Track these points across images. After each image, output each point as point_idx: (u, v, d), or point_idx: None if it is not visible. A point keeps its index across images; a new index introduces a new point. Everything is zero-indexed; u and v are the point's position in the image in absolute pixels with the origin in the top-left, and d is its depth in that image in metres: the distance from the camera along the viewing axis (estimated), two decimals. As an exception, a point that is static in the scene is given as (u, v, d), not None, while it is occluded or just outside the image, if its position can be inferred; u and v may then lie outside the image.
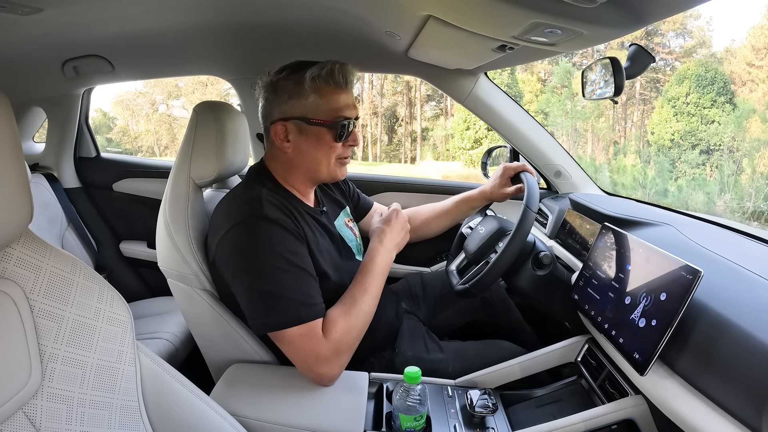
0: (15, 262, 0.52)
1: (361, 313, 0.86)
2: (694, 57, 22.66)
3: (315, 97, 0.86)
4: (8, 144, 0.48)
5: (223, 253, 0.83)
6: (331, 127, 0.87)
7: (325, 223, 0.96)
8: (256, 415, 0.77)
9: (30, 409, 0.50)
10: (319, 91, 0.86)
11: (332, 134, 0.88)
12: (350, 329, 0.83)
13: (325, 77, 0.86)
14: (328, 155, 0.90)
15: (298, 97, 0.87)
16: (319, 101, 0.86)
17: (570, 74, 20.44)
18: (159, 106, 28.22)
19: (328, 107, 0.87)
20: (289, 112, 0.88)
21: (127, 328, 0.60)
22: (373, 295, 0.89)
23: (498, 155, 1.56)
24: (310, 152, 0.89)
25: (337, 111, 0.87)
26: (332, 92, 0.87)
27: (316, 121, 0.87)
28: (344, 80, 0.87)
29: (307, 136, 0.88)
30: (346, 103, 0.89)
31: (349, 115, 0.89)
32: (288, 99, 0.87)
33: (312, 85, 0.86)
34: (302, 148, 0.89)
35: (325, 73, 0.85)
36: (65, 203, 1.68)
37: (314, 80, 0.85)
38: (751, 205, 14.10)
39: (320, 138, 0.88)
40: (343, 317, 0.83)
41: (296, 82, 0.87)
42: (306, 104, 0.87)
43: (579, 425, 0.76)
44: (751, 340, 0.55)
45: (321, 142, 0.88)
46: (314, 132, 0.88)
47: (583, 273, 0.89)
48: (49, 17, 0.98)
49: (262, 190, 0.86)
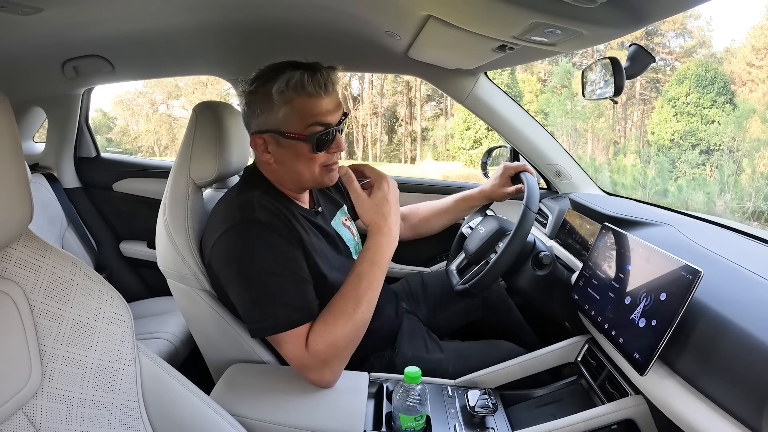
0: (15, 262, 0.52)
1: (355, 324, 0.79)
2: (694, 57, 22.65)
3: (286, 110, 0.81)
4: (8, 144, 0.48)
5: (217, 256, 0.83)
6: (306, 141, 0.82)
7: (321, 224, 0.95)
8: (256, 415, 0.77)
9: (30, 409, 0.50)
10: (290, 102, 0.81)
11: (309, 146, 0.83)
12: (339, 340, 0.78)
13: (295, 88, 0.80)
14: (309, 166, 0.85)
15: (269, 111, 0.82)
16: (290, 113, 0.81)
17: (570, 74, 20.43)
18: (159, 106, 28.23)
19: (301, 119, 0.81)
20: (264, 125, 0.84)
21: (127, 328, 0.60)
22: (371, 301, 0.82)
23: (498, 155, 1.56)
24: (292, 164, 0.86)
25: (311, 119, 0.81)
26: (305, 101, 0.81)
27: (290, 134, 0.82)
28: (319, 86, 0.80)
29: (285, 149, 0.84)
30: (324, 109, 0.82)
31: (329, 122, 0.83)
32: (260, 113, 0.84)
33: (280, 98, 0.81)
34: (283, 159, 0.86)
35: (294, 84, 0.80)
36: (65, 203, 1.69)
37: (282, 93, 0.80)
38: (751, 205, 14.10)
39: (297, 151, 0.84)
40: (331, 329, 0.78)
41: (265, 96, 0.82)
42: (278, 118, 0.82)
43: (579, 425, 0.76)
44: (751, 340, 0.55)
45: (299, 155, 0.84)
46: (291, 145, 0.83)
47: (583, 273, 0.89)
48: (49, 17, 0.98)
49: (254, 193, 0.85)
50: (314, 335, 0.78)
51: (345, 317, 0.79)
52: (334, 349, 0.79)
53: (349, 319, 0.79)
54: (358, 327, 0.81)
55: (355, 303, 0.80)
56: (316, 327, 0.79)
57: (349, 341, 0.80)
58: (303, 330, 0.79)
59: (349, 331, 0.79)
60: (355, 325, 0.80)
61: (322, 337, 0.78)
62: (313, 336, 0.78)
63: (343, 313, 0.79)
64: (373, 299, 0.82)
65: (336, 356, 0.80)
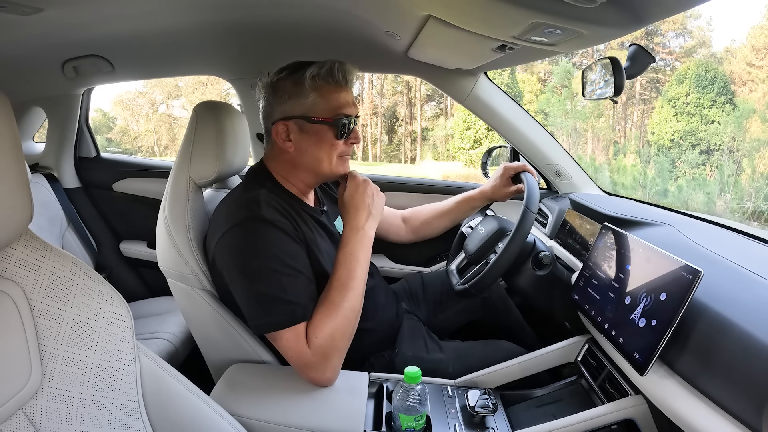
0: (15, 262, 0.52)
1: (344, 312, 0.81)
2: (694, 57, 22.65)
3: (315, 96, 0.87)
4: (8, 144, 0.48)
5: (221, 254, 0.83)
6: (332, 125, 0.87)
7: (325, 223, 0.96)
8: (256, 415, 0.77)
9: (30, 409, 0.50)
10: (319, 89, 0.87)
11: (333, 132, 0.88)
12: (334, 332, 0.80)
13: (325, 76, 0.86)
14: (329, 153, 0.89)
15: (298, 97, 0.87)
16: (319, 100, 0.87)
17: (570, 74, 20.43)
18: (159, 106, 28.23)
19: (329, 105, 0.87)
20: (290, 111, 0.88)
21: (127, 328, 0.60)
22: (356, 290, 0.83)
23: (498, 155, 1.56)
24: (312, 150, 0.89)
25: (337, 109, 0.87)
26: (332, 90, 0.87)
27: (317, 119, 0.87)
28: (344, 78, 0.88)
29: (308, 135, 0.88)
30: (347, 101, 0.89)
31: (350, 113, 0.89)
32: (288, 99, 0.88)
33: (312, 83, 0.86)
34: (304, 146, 0.89)
35: (325, 72, 0.86)
36: (65, 203, 1.68)
37: (314, 79, 0.86)
38: (751, 205, 14.10)
39: (321, 136, 0.88)
40: (326, 320, 0.80)
41: (295, 82, 0.87)
42: (306, 103, 0.87)
43: (579, 425, 0.76)
44: (751, 340, 0.55)
45: (323, 141, 0.88)
46: (315, 130, 0.88)
47: (583, 273, 0.89)
48: (49, 17, 0.98)
49: (260, 191, 0.86)
50: (312, 329, 0.79)
51: (334, 307, 0.81)
52: (332, 341, 0.79)
53: (338, 309, 0.81)
54: (348, 316, 0.82)
55: (340, 292, 0.82)
56: (313, 321, 0.80)
57: (344, 331, 0.81)
58: (304, 326, 0.79)
59: (341, 321, 0.80)
60: (345, 315, 0.81)
61: (321, 330, 0.79)
62: (312, 330, 0.79)
63: (332, 304, 0.81)
64: (357, 287, 0.84)
65: (335, 348, 0.81)
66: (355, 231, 0.88)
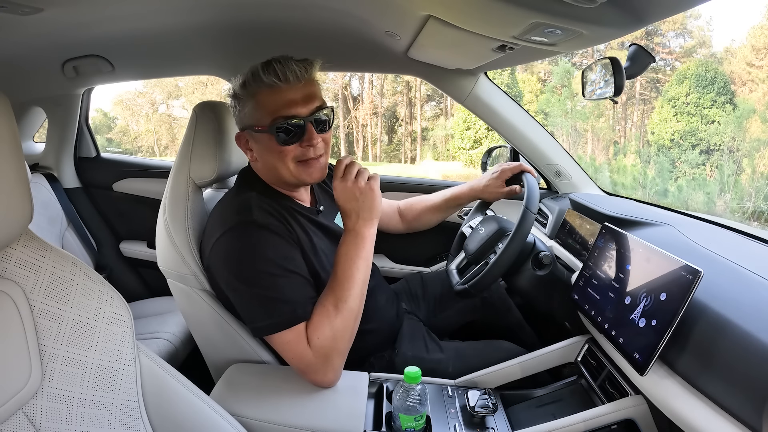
0: (15, 262, 0.52)
1: (344, 313, 0.80)
2: (694, 57, 22.64)
3: (252, 103, 0.83)
4: (8, 144, 0.48)
5: (216, 259, 0.83)
6: (269, 132, 0.82)
7: (322, 222, 0.95)
8: (256, 415, 0.77)
9: (30, 409, 0.50)
10: (255, 96, 0.82)
11: (274, 139, 0.82)
12: (335, 332, 0.79)
13: (254, 80, 0.81)
14: (282, 160, 0.84)
15: (241, 107, 0.85)
16: (256, 107, 0.82)
17: (570, 74, 20.43)
18: (159, 106, 28.22)
19: (266, 111, 0.81)
20: (240, 122, 0.87)
21: (127, 328, 0.60)
22: (354, 290, 0.81)
23: (498, 155, 1.56)
24: (267, 160, 0.86)
25: (275, 113, 0.81)
26: (267, 94, 0.81)
27: (258, 128, 0.83)
28: (277, 77, 0.79)
29: (258, 144, 0.86)
30: (287, 100, 0.80)
31: (293, 113, 0.81)
32: (237, 111, 0.86)
33: (245, 92, 0.83)
34: (261, 156, 0.87)
35: (251, 76, 0.81)
36: (65, 203, 1.69)
37: (244, 87, 0.82)
38: (751, 205, 14.09)
39: (267, 145, 0.84)
40: (325, 320, 0.79)
41: (236, 93, 0.85)
42: (247, 113, 0.84)
43: (579, 425, 0.76)
44: (751, 340, 0.55)
45: (270, 149, 0.84)
46: (261, 139, 0.85)
47: (583, 273, 0.89)
48: (49, 17, 0.98)
49: (251, 194, 0.86)
50: (313, 330, 0.79)
51: (333, 308, 0.80)
52: (333, 341, 0.79)
53: (338, 309, 0.80)
54: (348, 316, 0.80)
55: (339, 293, 0.81)
56: (312, 322, 0.79)
57: (344, 332, 0.80)
58: (304, 327, 0.79)
59: (341, 321, 0.79)
60: (345, 315, 0.80)
61: (322, 331, 0.78)
62: (312, 331, 0.78)
63: (332, 304, 0.80)
64: (355, 287, 0.82)
65: (336, 349, 0.80)
66: (348, 232, 0.85)
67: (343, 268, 0.83)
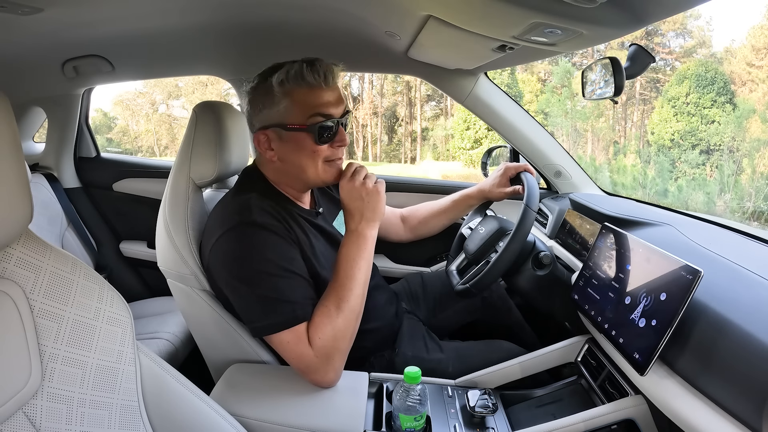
0: (15, 262, 0.52)
1: (345, 313, 0.80)
2: (694, 57, 22.65)
3: (287, 102, 0.82)
4: (8, 144, 0.48)
5: (215, 260, 0.83)
6: (308, 131, 0.82)
7: (321, 225, 0.95)
8: (256, 415, 0.77)
9: (30, 409, 0.50)
10: (291, 94, 0.82)
11: (311, 137, 0.82)
12: (335, 332, 0.79)
13: (294, 78, 0.81)
14: (313, 159, 0.85)
15: (270, 105, 0.83)
16: (291, 105, 0.82)
17: (570, 74, 20.43)
18: (159, 106, 28.23)
19: (302, 110, 0.81)
20: (266, 121, 0.84)
21: (127, 328, 0.60)
22: (355, 290, 0.82)
23: (498, 155, 1.56)
24: (294, 159, 0.85)
25: (313, 111, 0.81)
26: (306, 93, 0.82)
27: (293, 126, 0.82)
28: (319, 77, 0.81)
29: (287, 143, 0.84)
30: (324, 100, 0.82)
31: (331, 114, 0.83)
32: (262, 108, 0.84)
33: (281, 90, 0.82)
34: (286, 155, 0.86)
35: (293, 75, 0.81)
36: (65, 203, 1.69)
37: (282, 84, 0.81)
38: (751, 205, 14.09)
39: (300, 143, 0.83)
40: (326, 321, 0.79)
41: (266, 91, 0.83)
42: (279, 111, 0.83)
43: (579, 425, 0.76)
44: (751, 340, 0.55)
45: (302, 148, 0.84)
46: (293, 138, 0.83)
47: (583, 273, 0.89)
48: (49, 17, 0.98)
49: (251, 195, 0.85)
50: (314, 330, 0.79)
51: (334, 308, 0.80)
52: (334, 341, 0.79)
53: (338, 309, 0.80)
54: (349, 316, 0.81)
55: (340, 293, 0.81)
56: (313, 322, 0.80)
57: (345, 332, 0.80)
58: (304, 327, 0.79)
59: (342, 322, 0.80)
60: (346, 315, 0.80)
61: (323, 331, 0.78)
62: (313, 331, 0.79)
63: (332, 305, 0.80)
64: (356, 288, 0.82)
65: (336, 349, 0.80)
66: (350, 233, 0.86)
67: (344, 268, 0.83)
